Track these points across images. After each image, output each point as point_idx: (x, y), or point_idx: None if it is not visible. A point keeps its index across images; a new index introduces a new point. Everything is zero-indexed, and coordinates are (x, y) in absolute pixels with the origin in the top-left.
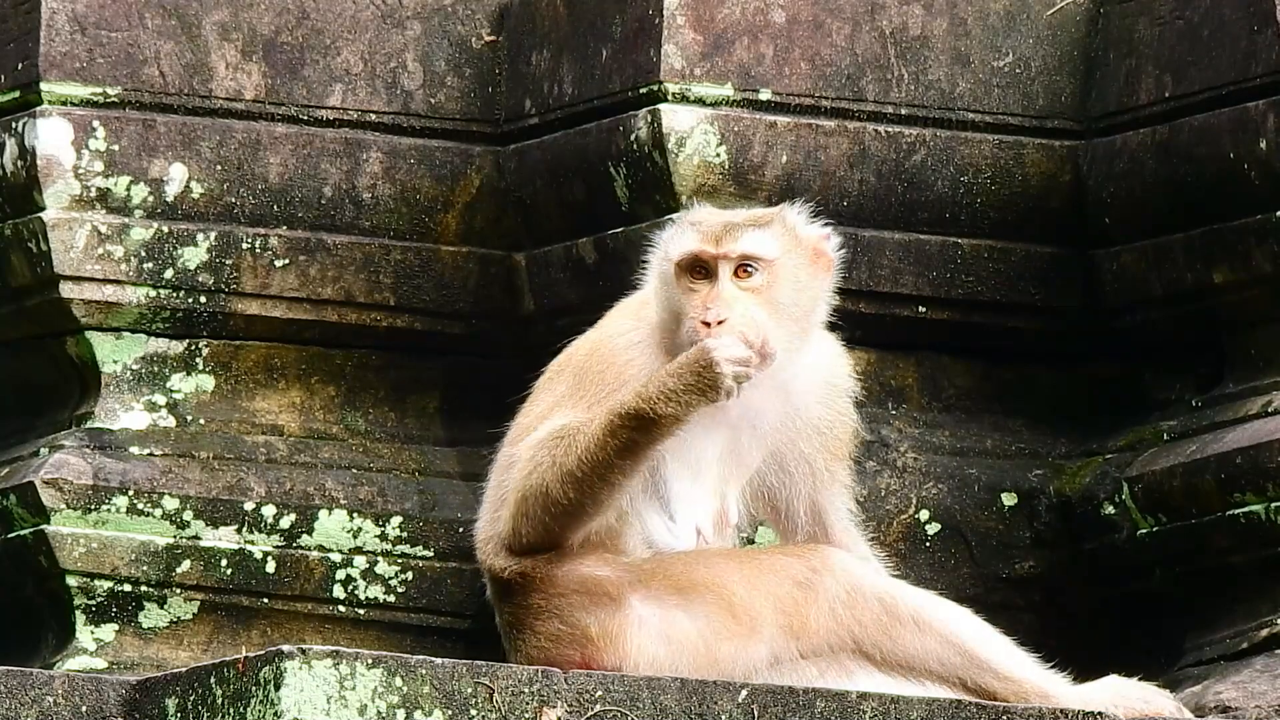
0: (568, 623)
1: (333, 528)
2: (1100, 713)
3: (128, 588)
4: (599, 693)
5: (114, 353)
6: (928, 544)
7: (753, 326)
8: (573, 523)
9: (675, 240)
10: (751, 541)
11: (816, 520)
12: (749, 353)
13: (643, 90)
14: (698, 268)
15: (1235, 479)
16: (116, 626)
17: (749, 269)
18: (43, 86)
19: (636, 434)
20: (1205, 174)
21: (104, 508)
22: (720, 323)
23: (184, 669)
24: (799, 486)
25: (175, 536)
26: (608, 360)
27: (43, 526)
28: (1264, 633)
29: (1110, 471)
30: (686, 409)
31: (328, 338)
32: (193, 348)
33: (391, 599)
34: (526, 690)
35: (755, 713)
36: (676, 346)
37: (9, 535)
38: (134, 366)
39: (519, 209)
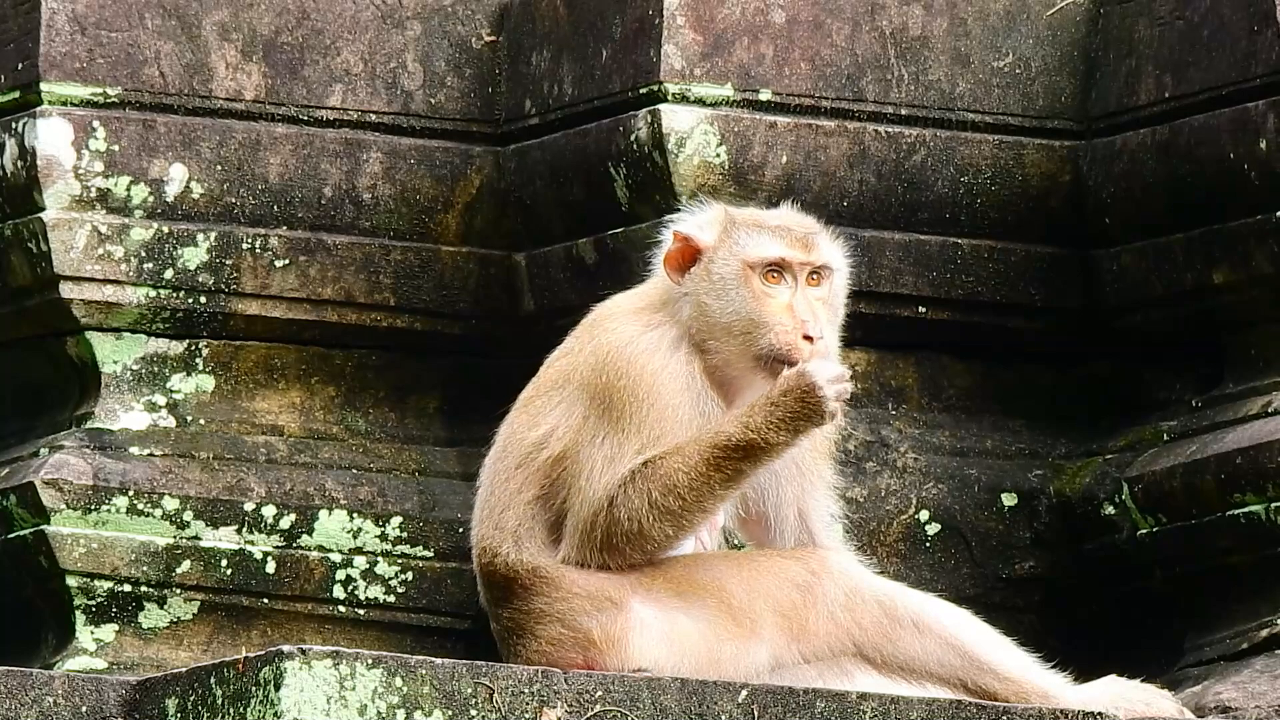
0: (570, 626)
1: (333, 528)
2: (1101, 713)
3: (128, 588)
4: (599, 693)
5: (114, 353)
6: (928, 544)
7: (832, 340)
8: (661, 551)
9: (752, 241)
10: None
11: (803, 526)
12: (844, 370)
13: (643, 90)
14: (774, 271)
15: (1235, 479)
16: (116, 627)
17: (819, 276)
18: (43, 86)
19: (744, 464)
20: (1205, 174)
21: (104, 508)
22: (821, 338)
23: (184, 669)
24: (786, 489)
25: (175, 537)
26: (633, 372)
27: (43, 527)
28: (1264, 633)
29: (1110, 472)
30: (796, 435)
31: (328, 338)
32: (193, 348)
33: (391, 599)
34: (526, 690)
35: (755, 713)
36: (742, 348)
37: (9, 535)
38: (134, 367)
39: (519, 209)
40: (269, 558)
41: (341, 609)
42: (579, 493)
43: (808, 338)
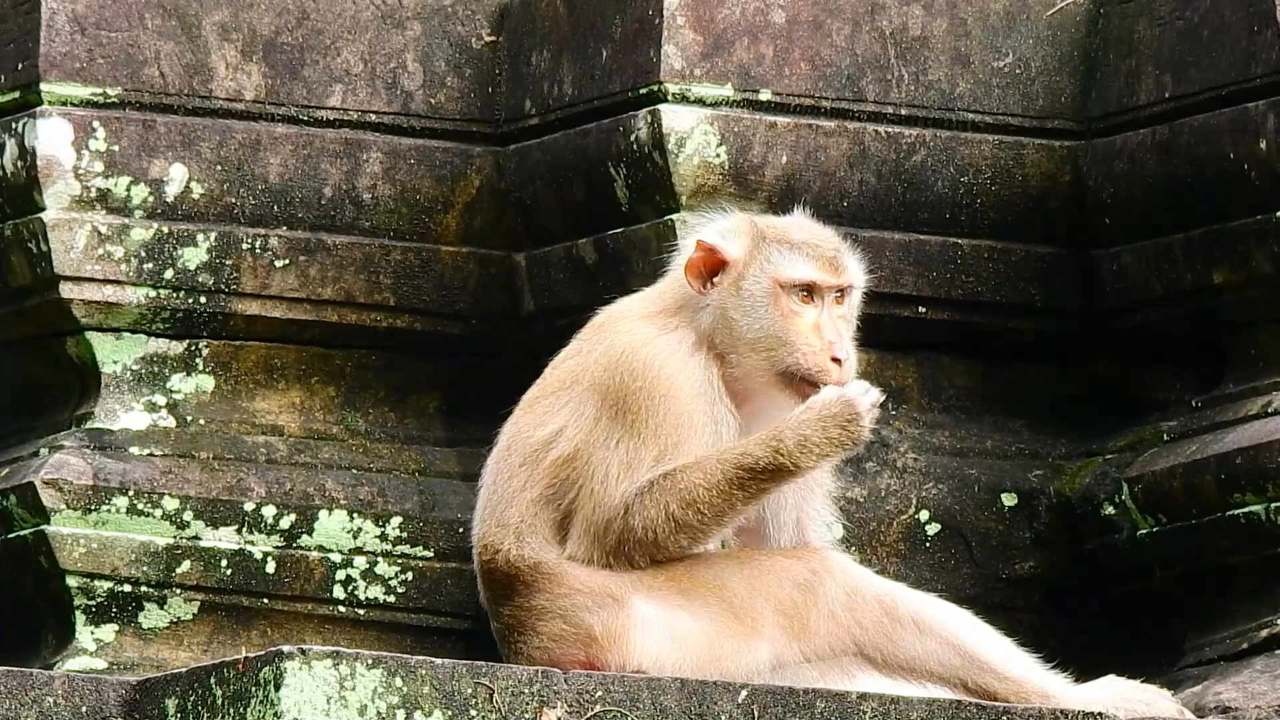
0: (571, 623)
1: (333, 528)
2: (1100, 713)
3: (128, 588)
4: (599, 693)
5: (114, 353)
6: (928, 544)
7: (852, 353)
8: (670, 558)
9: (784, 260)
10: None
11: (799, 533)
12: (879, 393)
13: (643, 90)
14: (805, 293)
15: (1235, 479)
16: (116, 627)
17: (843, 295)
18: (43, 87)
19: (769, 484)
20: (1205, 174)
21: (104, 508)
22: (848, 358)
23: (184, 669)
24: (787, 495)
25: (175, 537)
26: (650, 374)
27: (43, 527)
28: (1264, 633)
29: (1110, 472)
30: (826, 459)
31: (328, 338)
32: (193, 348)
33: (391, 599)
34: (526, 690)
35: (755, 713)
36: (767, 365)
37: (9, 535)
38: (134, 367)
39: (519, 209)
40: (269, 558)
41: (341, 609)
42: (590, 495)
43: (835, 360)
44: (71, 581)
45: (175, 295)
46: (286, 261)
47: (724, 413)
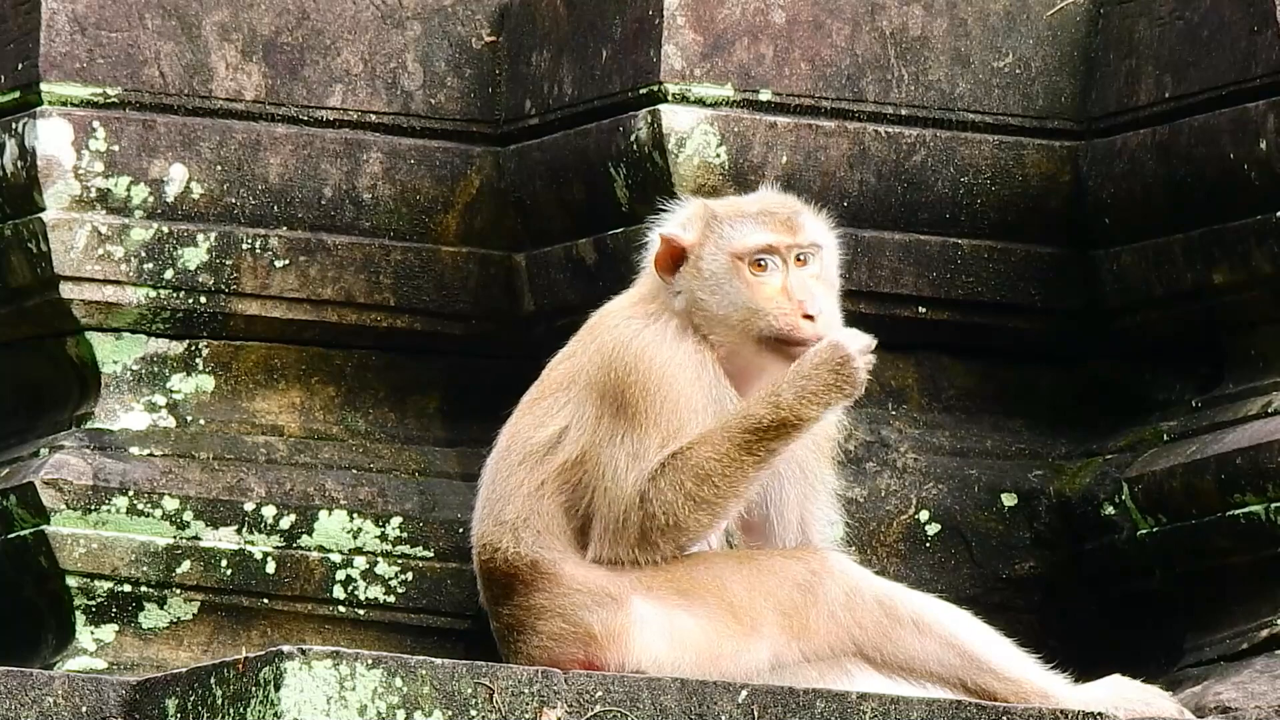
0: (570, 622)
1: (333, 528)
2: (1101, 713)
3: (128, 588)
4: (599, 693)
5: (114, 353)
6: (928, 544)
7: (833, 313)
8: (695, 541)
9: (736, 232)
10: None
11: (803, 531)
12: (871, 339)
13: (643, 91)
14: (763, 259)
15: (1235, 479)
16: (116, 627)
17: (806, 257)
18: (43, 87)
19: (775, 443)
20: (1205, 174)
21: (104, 508)
22: (821, 313)
23: (184, 669)
24: (788, 491)
25: (175, 537)
26: (641, 366)
27: (43, 527)
28: (1264, 633)
29: (1110, 472)
30: (826, 409)
31: (328, 338)
32: (193, 348)
33: (391, 599)
34: (526, 690)
35: (755, 713)
36: (744, 336)
37: (9, 535)
38: (134, 367)
39: (519, 209)
40: (269, 558)
41: (341, 609)
42: (604, 494)
43: (808, 316)
44: (71, 581)
45: (175, 295)
46: (286, 261)
47: (723, 391)
